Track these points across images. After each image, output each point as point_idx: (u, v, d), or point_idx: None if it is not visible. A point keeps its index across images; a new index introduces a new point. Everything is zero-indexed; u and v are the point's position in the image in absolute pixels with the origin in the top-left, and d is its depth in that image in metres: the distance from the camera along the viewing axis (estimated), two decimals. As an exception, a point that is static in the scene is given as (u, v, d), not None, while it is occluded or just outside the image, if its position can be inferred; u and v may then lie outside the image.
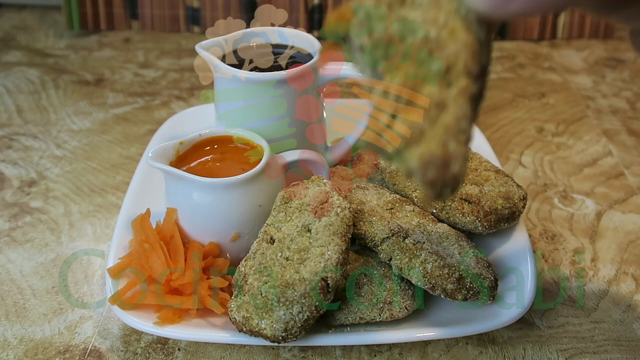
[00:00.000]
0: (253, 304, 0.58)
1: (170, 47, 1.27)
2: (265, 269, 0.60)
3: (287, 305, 0.57)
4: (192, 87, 1.13)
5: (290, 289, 0.58)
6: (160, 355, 0.65)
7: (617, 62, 1.23)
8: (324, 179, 0.66)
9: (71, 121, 1.03)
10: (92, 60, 1.22)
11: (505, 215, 0.70)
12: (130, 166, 0.92)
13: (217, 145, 0.73)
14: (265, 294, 0.58)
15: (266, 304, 0.58)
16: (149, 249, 0.66)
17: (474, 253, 0.66)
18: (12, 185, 0.89)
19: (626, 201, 0.87)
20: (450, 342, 0.66)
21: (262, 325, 0.58)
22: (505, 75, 1.19)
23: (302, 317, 0.58)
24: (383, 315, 0.63)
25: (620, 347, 0.66)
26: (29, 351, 0.65)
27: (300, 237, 0.61)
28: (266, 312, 0.58)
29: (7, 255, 0.77)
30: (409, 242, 0.64)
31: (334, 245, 0.60)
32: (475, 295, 0.63)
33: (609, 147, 0.98)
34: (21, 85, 1.13)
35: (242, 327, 0.59)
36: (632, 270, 0.76)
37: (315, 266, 0.59)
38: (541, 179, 0.91)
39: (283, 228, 0.63)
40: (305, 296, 0.58)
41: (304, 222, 0.63)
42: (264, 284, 0.59)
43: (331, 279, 0.58)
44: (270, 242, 0.62)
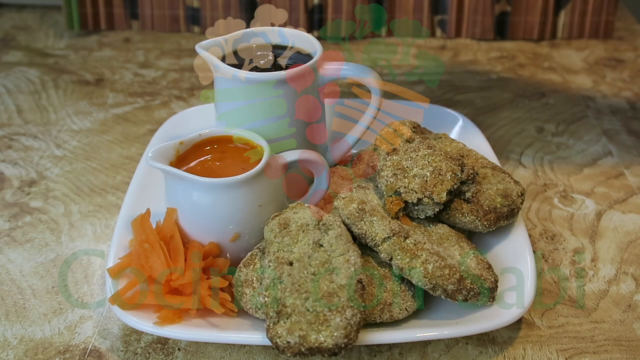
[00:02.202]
0: (305, 321, 0.58)
1: (170, 47, 1.27)
2: (301, 286, 0.60)
3: (340, 312, 0.58)
4: (192, 87, 1.14)
5: (335, 297, 0.59)
6: (160, 355, 0.65)
7: (617, 62, 1.23)
8: (303, 204, 0.68)
9: (71, 121, 1.03)
10: (92, 60, 1.22)
11: (504, 213, 0.70)
12: (130, 166, 0.92)
13: (217, 145, 0.73)
14: (312, 309, 0.58)
15: (318, 317, 0.58)
16: (149, 249, 0.66)
17: (474, 254, 0.67)
18: (12, 185, 0.89)
19: (626, 201, 0.87)
20: (450, 342, 0.66)
21: (322, 338, 0.57)
22: (505, 75, 1.19)
23: (356, 319, 0.58)
24: (383, 316, 0.63)
25: (620, 347, 0.66)
26: (29, 351, 0.65)
27: (316, 253, 0.63)
28: (321, 324, 0.57)
29: (7, 255, 0.77)
30: (410, 242, 0.64)
31: (352, 251, 0.63)
32: (475, 296, 0.63)
33: (609, 147, 0.98)
34: (21, 85, 1.13)
35: (299, 348, 0.56)
36: (632, 270, 0.76)
37: (347, 272, 0.61)
38: (541, 179, 0.91)
39: (295, 249, 0.63)
40: (352, 299, 0.59)
41: (313, 239, 0.64)
42: (306, 300, 0.59)
43: (364, 280, 0.62)
44: (289, 264, 0.62)
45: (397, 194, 0.68)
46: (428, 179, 0.68)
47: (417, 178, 0.69)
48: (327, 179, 0.73)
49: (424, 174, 0.69)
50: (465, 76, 1.19)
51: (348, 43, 1.27)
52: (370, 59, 1.20)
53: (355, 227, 0.66)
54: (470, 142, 0.84)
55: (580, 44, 1.30)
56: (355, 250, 0.64)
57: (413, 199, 0.68)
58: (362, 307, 0.60)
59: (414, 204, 0.69)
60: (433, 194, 0.67)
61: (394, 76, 1.16)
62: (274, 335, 0.57)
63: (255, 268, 0.65)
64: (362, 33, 1.28)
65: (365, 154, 0.80)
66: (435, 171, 0.69)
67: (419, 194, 0.68)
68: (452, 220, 0.71)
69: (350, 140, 0.81)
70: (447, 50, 1.26)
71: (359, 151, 0.83)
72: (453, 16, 1.28)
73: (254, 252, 0.67)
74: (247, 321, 0.65)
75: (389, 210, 0.68)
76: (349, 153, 0.83)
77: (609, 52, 1.27)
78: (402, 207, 0.68)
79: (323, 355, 0.57)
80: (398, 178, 0.69)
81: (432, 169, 0.69)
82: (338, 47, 1.19)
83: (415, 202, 0.68)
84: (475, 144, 0.84)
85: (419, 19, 1.28)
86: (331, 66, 0.76)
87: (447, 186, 0.68)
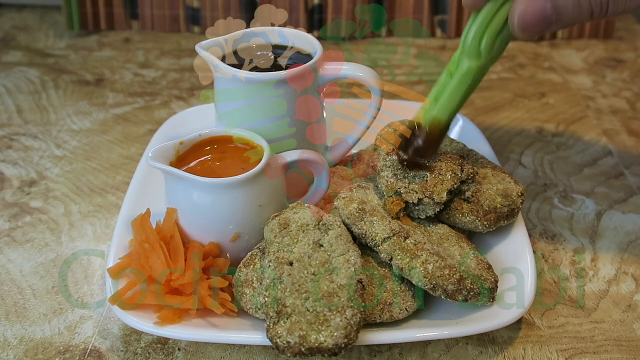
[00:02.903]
0: (305, 321, 0.58)
1: (170, 47, 1.27)
2: (301, 286, 0.60)
3: (340, 312, 0.58)
4: (192, 87, 1.13)
5: (335, 297, 0.59)
6: (160, 355, 0.65)
7: (617, 62, 1.23)
8: (303, 204, 0.68)
9: (71, 121, 1.03)
10: (92, 60, 1.22)
11: (504, 213, 0.70)
12: (130, 166, 0.92)
13: (217, 145, 0.73)
14: (312, 308, 0.58)
15: (318, 317, 0.58)
16: (149, 249, 0.66)
17: (474, 254, 0.67)
18: (12, 185, 0.89)
19: (626, 201, 0.87)
20: (450, 342, 0.66)
21: (322, 338, 0.57)
22: (505, 75, 1.19)
23: (356, 319, 0.58)
24: (383, 316, 0.63)
25: (620, 347, 0.66)
26: (29, 351, 0.65)
27: (316, 253, 0.63)
28: (321, 324, 0.57)
29: (7, 255, 0.77)
30: (410, 242, 0.64)
31: (352, 251, 0.63)
32: (475, 296, 0.63)
33: (609, 147, 0.98)
34: (21, 85, 1.13)
35: (299, 348, 0.56)
36: (632, 270, 0.76)
37: (347, 272, 0.61)
38: (541, 179, 0.91)
39: (295, 250, 0.63)
40: (352, 299, 0.59)
41: (313, 239, 0.64)
42: (306, 300, 0.59)
43: (364, 280, 0.63)
44: (289, 264, 0.62)
45: (398, 194, 0.69)
46: (428, 179, 0.68)
47: (417, 178, 0.69)
48: (327, 179, 0.73)
49: (424, 174, 0.69)
50: (465, 76, 1.18)
51: (348, 43, 1.27)
52: (370, 59, 1.20)
53: (355, 227, 0.66)
54: (470, 142, 0.84)
55: (580, 44, 1.30)
56: (355, 250, 0.64)
57: (414, 199, 0.68)
58: (362, 307, 0.60)
59: (414, 204, 0.69)
60: (433, 194, 0.68)
61: (394, 76, 1.16)
62: (274, 335, 0.57)
63: (255, 268, 0.65)
64: (362, 33, 1.28)
65: (365, 154, 0.80)
66: (435, 171, 0.69)
67: (420, 194, 0.68)
68: (452, 220, 0.71)
69: (350, 140, 0.81)
70: (447, 50, 1.26)
71: (359, 151, 0.83)
72: (453, 16, 1.28)
73: (254, 252, 0.67)
74: (247, 321, 0.65)
75: (389, 210, 0.68)
76: (349, 153, 0.83)
77: (609, 52, 1.27)
78: (402, 207, 0.68)
79: (323, 355, 0.57)
80: (398, 178, 0.69)
81: (432, 168, 0.69)
82: (338, 47, 1.18)
83: (416, 202, 0.68)
84: (475, 144, 0.84)
85: (419, 19, 1.28)
86: (331, 66, 0.76)
87: (447, 186, 0.68)
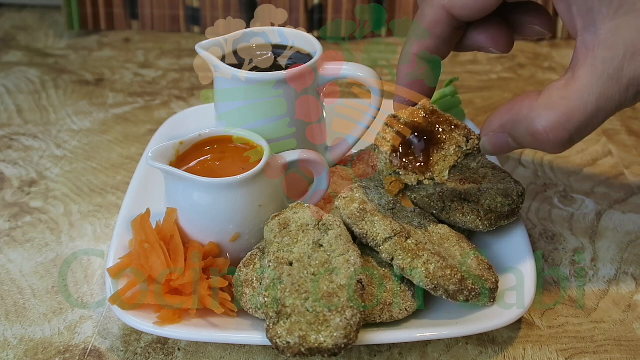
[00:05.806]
0: (305, 321, 0.58)
1: (170, 47, 1.27)
2: (301, 286, 0.60)
3: (340, 312, 0.58)
4: (192, 87, 1.14)
5: (334, 297, 0.59)
6: (160, 355, 0.65)
7: (617, 62, 1.23)
8: (303, 204, 0.68)
9: (71, 121, 1.04)
10: (92, 60, 1.22)
11: (504, 213, 0.70)
12: (130, 166, 0.92)
13: (217, 145, 0.73)
14: (312, 309, 0.58)
15: (318, 317, 0.58)
16: (149, 249, 0.66)
17: (474, 254, 0.67)
18: (12, 185, 0.89)
19: (626, 201, 0.87)
20: (450, 342, 0.66)
21: (321, 338, 0.57)
22: (505, 75, 1.19)
23: (356, 320, 0.58)
24: (383, 316, 0.63)
25: (620, 347, 0.66)
26: (29, 351, 0.65)
27: (316, 253, 0.63)
28: (321, 324, 0.57)
29: (7, 255, 0.77)
30: (411, 242, 0.64)
31: (352, 251, 0.63)
32: (476, 297, 0.63)
33: (609, 147, 0.98)
34: (21, 85, 1.13)
35: (299, 349, 0.56)
36: (632, 270, 0.76)
37: (346, 272, 0.61)
38: (541, 179, 0.91)
39: (294, 250, 0.63)
40: (352, 299, 0.59)
41: (313, 239, 0.64)
42: (306, 300, 0.59)
43: (364, 280, 0.63)
44: (289, 264, 0.62)
45: (397, 174, 0.65)
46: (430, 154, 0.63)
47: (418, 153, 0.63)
48: (327, 179, 0.73)
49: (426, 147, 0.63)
50: (465, 76, 1.19)
51: (348, 43, 1.27)
52: (370, 59, 1.20)
53: (356, 227, 0.66)
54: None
55: (580, 44, 1.30)
56: (355, 250, 0.64)
57: (413, 181, 0.64)
58: (362, 307, 0.60)
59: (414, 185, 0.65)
60: (434, 174, 0.64)
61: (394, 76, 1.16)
62: (274, 335, 0.57)
63: (255, 268, 0.65)
64: (362, 33, 1.28)
65: (365, 154, 0.80)
66: (439, 143, 0.63)
67: (420, 175, 0.64)
68: (452, 220, 0.70)
69: (350, 140, 0.81)
70: (447, 50, 1.26)
71: (359, 151, 0.83)
72: (453, 16, 1.28)
73: (254, 252, 0.67)
74: (247, 321, 0.65)
75: (388, 191, 0.65)
76: (349, 153, 0.83)
77: (609, 52, 1.27)
78: (402, 189, 0.65)
79: (323, 355, 0.57)
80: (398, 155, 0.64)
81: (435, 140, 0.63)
82: (338, 47, 1.18)
83: (416, 184, 0.65)
84: (475, 144, 0.84)
85: (419, 19, 1.28)
86: (331, 66, 0.76)
87: (450, 162, 0.63)
